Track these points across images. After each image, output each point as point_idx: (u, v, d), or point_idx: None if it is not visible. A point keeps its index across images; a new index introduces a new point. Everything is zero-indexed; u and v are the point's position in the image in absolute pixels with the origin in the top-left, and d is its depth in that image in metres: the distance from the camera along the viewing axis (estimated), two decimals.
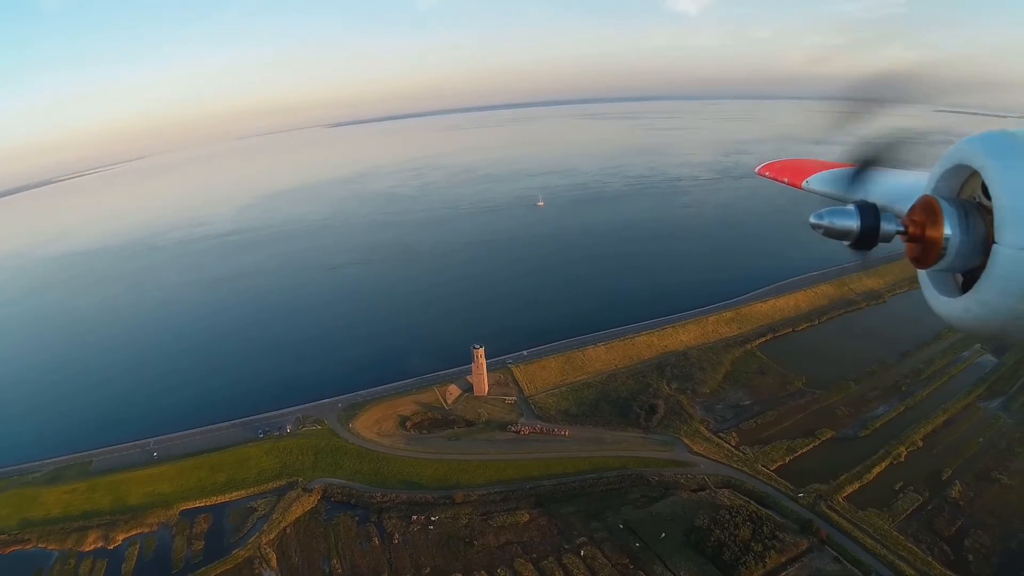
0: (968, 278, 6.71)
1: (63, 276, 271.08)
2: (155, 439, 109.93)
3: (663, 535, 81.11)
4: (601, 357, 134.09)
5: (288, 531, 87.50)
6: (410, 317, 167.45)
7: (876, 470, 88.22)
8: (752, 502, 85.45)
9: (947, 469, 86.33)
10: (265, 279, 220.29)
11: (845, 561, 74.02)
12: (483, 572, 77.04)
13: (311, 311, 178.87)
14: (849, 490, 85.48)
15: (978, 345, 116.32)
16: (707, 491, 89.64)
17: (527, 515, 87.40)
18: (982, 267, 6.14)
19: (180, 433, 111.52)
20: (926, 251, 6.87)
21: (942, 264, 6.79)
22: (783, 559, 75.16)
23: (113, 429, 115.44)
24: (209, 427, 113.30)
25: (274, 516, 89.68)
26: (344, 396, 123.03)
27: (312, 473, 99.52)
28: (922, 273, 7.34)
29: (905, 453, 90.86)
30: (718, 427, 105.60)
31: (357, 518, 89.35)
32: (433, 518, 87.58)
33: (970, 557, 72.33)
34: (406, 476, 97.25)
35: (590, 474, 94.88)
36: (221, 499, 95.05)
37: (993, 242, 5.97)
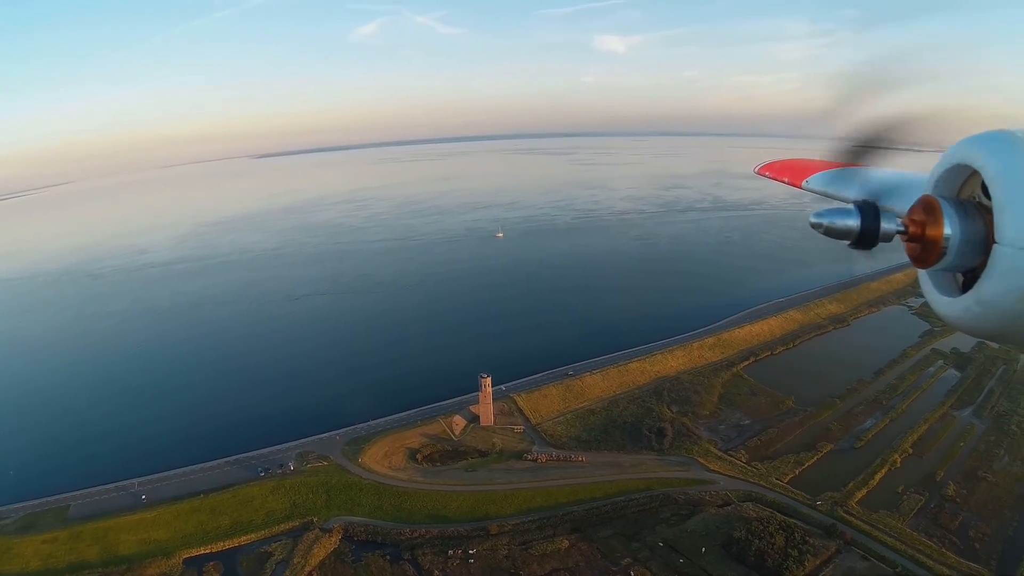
0: (968, 278, 6.71)
1: None
2: (139, 480, 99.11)
3: (703, 549, 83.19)
4: (599, 384, 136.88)
5: None
6: (394, 348, 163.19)
7: (878, 476, 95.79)
8: (776, 513, 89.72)
9: (939, 471, 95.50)
10: (227, 309, 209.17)
11: (872, 559, 79.37)
12: None
13: (285, 343, 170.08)
14: (859, 496, 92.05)
15: (941, 361, 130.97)
16: (732, 506, 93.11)
17: (566, 541, 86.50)
18: (982, 267, 6.11)
19: (167, 473, 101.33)
20: (926, 251, 6.84)
21: (942, 264, 6.77)
22: (817, 562, 79.37)
23: (88, 470, 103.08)
24: (199, 466, 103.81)
25: (295, 560, 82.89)
26: (342, 431, 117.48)
27: (326, 512, 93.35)
28: (922, 273, 7.32)
29: (899, 460, 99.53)
30: (726, 446, 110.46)
31: (388, 557, 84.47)
32: (471, 551, 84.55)
33: (977, 545, 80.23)
34: (432, 510, 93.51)
35: (619, 497, 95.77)
36: (228, 544, 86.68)
37: (993, 242, 5.95)
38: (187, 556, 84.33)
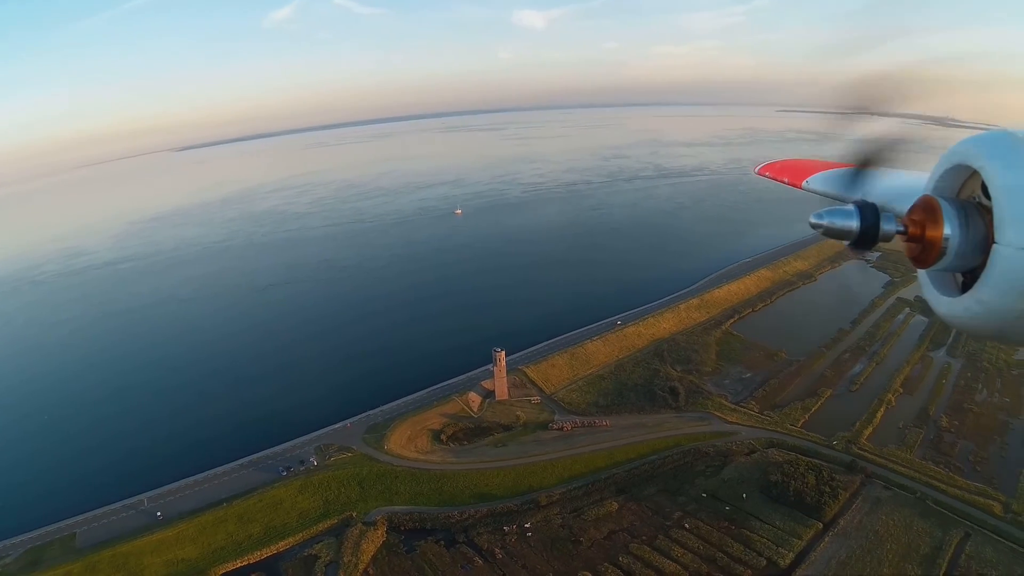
0: (968, 278, 6.76)
1: None
2: (147, 495, 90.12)
3: (744, 495, 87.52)
4: (601, 350, 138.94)
5: (372, 573, 77.76)
6: (385, 332, 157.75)
7: (879, 415, 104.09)
8: (799, 455, 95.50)
9: (931, 407, 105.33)
10: (192, 305, 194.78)
11: (894, 488, 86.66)
12: (607, 564, 76.25)
13: (268, 336, 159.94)
14: (866, 433, 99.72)
15: (908, 308, 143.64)
16: (758, 453, 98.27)
17: (615, 503, 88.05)
18: (982, 267, 6.15)
19: (177, 484, 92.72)
20: (926, 251, 6.89)
21: (942, 264, 6.82)
22: (847, 494, 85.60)
23: (88, 490, 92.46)
24: (211, 472, 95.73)
25: (344, 559, 78.73)
26: (354, 419, 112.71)
27: (364, 505, 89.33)
28: (922, 273, 7.36)
29: (893, 399, 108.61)
30: (736, 399, 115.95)
31: (442, 542, 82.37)
32: (526, 525, 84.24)
33: (978, 468, 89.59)
34: (475, 489, 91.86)
35: (652, 456, 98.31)
36: (267, 553, 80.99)
37: (993, 242, 5.98)
38: (223, 572, 77.99)
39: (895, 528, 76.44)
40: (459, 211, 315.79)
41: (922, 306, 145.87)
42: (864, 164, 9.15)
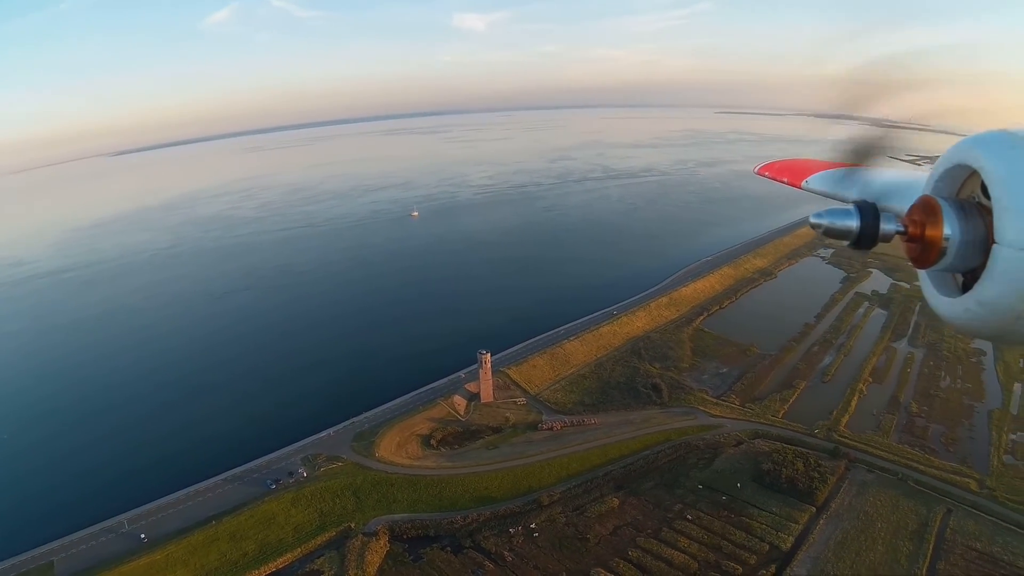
0: (968, 278, 6.73)
1: None
2: (127, 516, 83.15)
3: (739, 484, 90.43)
4: (579, 350, 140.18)
5: None
6: (356, 337, 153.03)
7: (853, 403, 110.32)
8: (784, 444, 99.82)
9: (900, 394, 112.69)
10: (147, 315, 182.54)
11: (876, 471, 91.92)
12: (617, 559, 76.74)
13: (233, 345, 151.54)
14: (844, 421, 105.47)
15: (867, 302, 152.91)
16: (745, 444, 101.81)
17: (616, 499, 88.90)
18: (982, 267, 6.16)
19: (159, 503, 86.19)
20: (926, 251, 6.90)
21: (942, 264, 6.82)
22: (835, 479, 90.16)
23: (63, 513, 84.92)
24: (193, 489, 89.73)
25: (349, 573, 75.49)
26: (337, 427, 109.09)
27: (361, 515, 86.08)
28: (922, 273, 7.34)
29: (865, 388, 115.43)
30: (716, 393, 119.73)
31: (448, 548, 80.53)
32: (532, 525, 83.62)
33: (950, 449, 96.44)
34: (475, 493, 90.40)
35: (645, 452, 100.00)
36: (264, 571, 76.41)
37: (993, 242, 5.99)
38: None
39: (883, 508, 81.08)
40: (415, 213, 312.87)
41: (880, 299, 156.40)
42: (863, 163, 9.14)
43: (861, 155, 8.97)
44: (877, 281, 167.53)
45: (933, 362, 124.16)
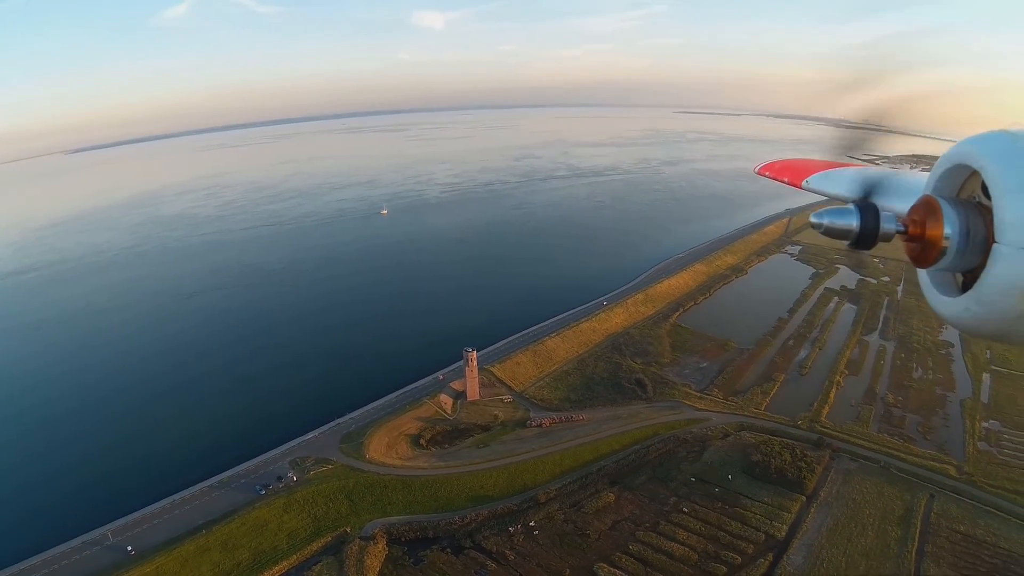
0: (968, 278, 6.75)
1: None
2: (110, 527, 77.92)
3: (730, 476, 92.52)
4: (561, 347, 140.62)
5: None
6: (333, 336, 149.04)
7: (831, 395, 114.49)
8: (770, 436, 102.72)
9: (875, 385, 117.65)
10: (113, 317, 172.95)
11: (859, 460, 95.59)
12: (619, 554, 77.21)
13: (205, 346, 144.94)
14: (824, 412, 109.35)
15: (836, 297, 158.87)
16: (732, 436, 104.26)
17: (611, 494, 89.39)
18: (982, 267, 6.18)
19: (144, 512, 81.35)
20: (926, 251, 6.92)
21: (942, 264, 6.84)
22: (821, 468, 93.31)
23: (40, 527, 79.00)
24: (177, 497, 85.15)
25: None
26: (322, 429, 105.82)
27: (357, 519, 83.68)
28: (922, 273, 7.36)
29: (841, 380, 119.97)
30: (699, 387, 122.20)
31: (448, 549, 79.23)
32: (531, 523, 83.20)
33: (927, 437, 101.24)
34: (471, 492, 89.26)
35: (636, 446, 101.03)
36: None
37: (993, 242, 6.03)
38: None
39: (869, 495, 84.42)
40: (385, 211, 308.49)
41: (849, 294, 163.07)
42: (864, 163, 9.32)
43: (851, 152, 8.95)
44: (845, 277, 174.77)
45: (904, 354, 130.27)
